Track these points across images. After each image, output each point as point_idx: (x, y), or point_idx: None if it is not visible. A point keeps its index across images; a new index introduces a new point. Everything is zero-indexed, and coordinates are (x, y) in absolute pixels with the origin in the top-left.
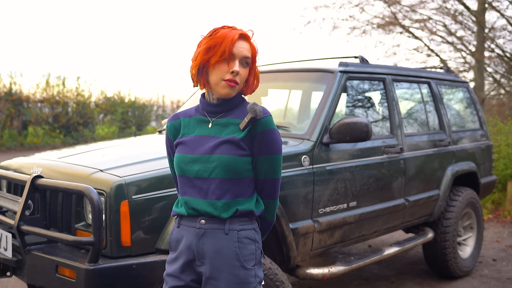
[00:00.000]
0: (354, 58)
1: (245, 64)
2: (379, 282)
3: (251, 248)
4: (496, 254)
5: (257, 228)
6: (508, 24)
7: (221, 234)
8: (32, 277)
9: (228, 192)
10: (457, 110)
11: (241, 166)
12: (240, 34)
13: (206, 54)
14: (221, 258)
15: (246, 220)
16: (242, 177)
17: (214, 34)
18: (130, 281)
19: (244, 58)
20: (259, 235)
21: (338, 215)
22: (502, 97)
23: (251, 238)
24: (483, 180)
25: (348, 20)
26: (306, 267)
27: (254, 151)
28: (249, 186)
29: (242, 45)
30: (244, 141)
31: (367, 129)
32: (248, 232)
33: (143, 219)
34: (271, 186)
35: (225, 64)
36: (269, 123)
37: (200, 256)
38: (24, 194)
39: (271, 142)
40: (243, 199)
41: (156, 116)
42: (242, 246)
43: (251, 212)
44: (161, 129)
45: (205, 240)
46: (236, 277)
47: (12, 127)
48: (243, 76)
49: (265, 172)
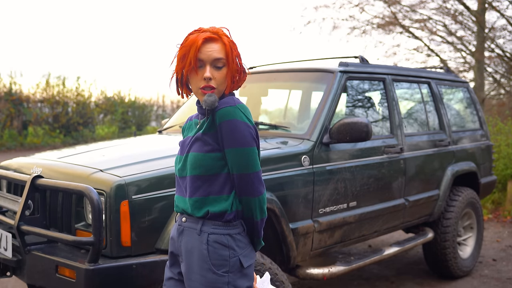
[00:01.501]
0: (354, 58)
1: (219, 66)
2: (379, 282)
3: (224, 254)
4: (496, 254)
5: (237, 234)
6: (508, 24)
7: (194, 233)
8: (32, 277)
9: (200, 189)
10: (457, 110)
11: (208, 162)
12: (204, 38)
13: (179, 64)
14: (193, 257)
15: (219, 224)
16: (213, 174)
17: (184, 42)
18: (130, 281)
19: (214, 60)
20: (241, 242)
21: (338, 215)
22: (502, 97)
23: (224, 244)
24: (483, 180)
25: (348, 20)
26: (306, 267)
27: (221, 145)
28: (224, 183)
29: (209, 48)
30: (207, 135)
31: (367, 129)
32: (220, 237)
33: (143, 219)
34: (245, 182)
35: (197, 72)
36: (228, 114)
37: (179, 252)
38: (24, 194)
39: (232, 133)
40: (216, 197)
41: (156, 116)
42: (211, 250)
43: (223, 214)
44: (161, 129)
45: (182, 238)
46: (205, 279)
47: (12, 127)
48: (220, 77)
49: (236, 166)
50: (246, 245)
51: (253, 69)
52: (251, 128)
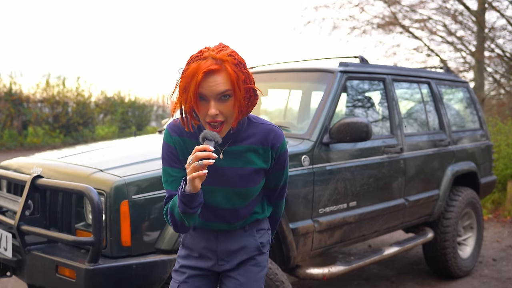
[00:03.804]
0: (354, 58)
1: (225, 98)
2: (379, 282)
3: (265, 235)
4: (496, 254)
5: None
6: (508, 24)
7: (240, 232)
8: (32, 277)
9: (250, 212)
10: (457, 110)
11: (255, 192)
12: (204, 72)
13: (181, 96)
14: (243, 252)
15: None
16: (252, 199)
17: (184, 70)
18: (130, 281)
19: (218, 94)
20: (268, 224)
21: (338, 215)
22: (502, 97)
23: (264, 227)
24: (483, 180)
25: (348, 20)
26: (306, 267)
27: (272, 169)
28: (259, 199)
29: (212, 82)
30: (266, 168)
31: (367, 129)
32: (261, 223)
33: (143, 219)
34: (285, 190)
35: (200, 108)
36: (285, 145)
37: (218, 256)
38: (24, 194)
39: (286, 159)
40: (255, 211)
41: (156, 116)
42: (259, 236)
43: (262, 220)
44: (161, 129)
45: (224, 239)
46: (256, 262)
47: (12, 127)
48: (227, 110)
49: (283, 181)
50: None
51: (253, 69)
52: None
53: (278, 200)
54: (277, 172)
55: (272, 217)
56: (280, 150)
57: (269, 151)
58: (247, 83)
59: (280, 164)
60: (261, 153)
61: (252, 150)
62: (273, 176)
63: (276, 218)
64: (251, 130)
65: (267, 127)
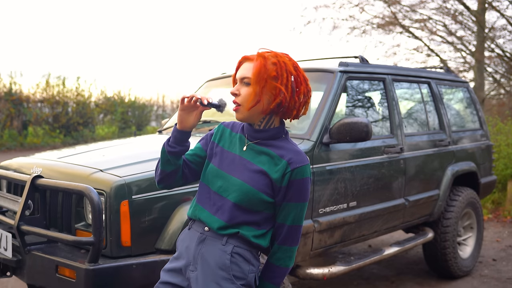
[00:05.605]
0: (354, 58)
1: (246, 84)
2: (379, 282)
3: (245, 268)
4: (496, 254)
5: (257, 253)
6: (508, 24)
7: (218, 243)
8: (32, 277)
9: (238, 218)
10: (457, 110)
11: (258, 200)
12: (243, 57)
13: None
14: (211, 266)
15: (246, 245)
16: (258, 211)
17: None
18: (130, 281)
19: (241, 78)
20: (257, 262)
21: (338, 215)
22: (502, 97)
23: (247, 258)
24: (483, 180)
25: (348, 20)
26: (306, 267)
27: (282, 197)
28: (265, 221)
29: (243, 67)
30: (274, 183)
31: (367, 129)
32: (244, 252)
33: (143, 219)
34: (294, 232)
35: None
36: (304, 173)
37: (192, 261)
38: (24, 194)
39: (300, 190)
40: (252, 228)
41: (156, 116)
42: (234, 261)
43: (252, 242)
44: (161, 129)
45: (203, 246)
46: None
47: (12, 127)
48: (244, 95)
49: (291, 218)
50: (258, 267)
51: None
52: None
53: (283, 243)
54: (287, 203)
55: (269, 264)
56: (296, 173)
57: (285, 166)
58: (278, 81)
59: (293, 194)
60: (276, 162)
61: (271, 155)
62: (282, 207)
63: (272, 266)
64: (281, 143)
65: (296, 148)
